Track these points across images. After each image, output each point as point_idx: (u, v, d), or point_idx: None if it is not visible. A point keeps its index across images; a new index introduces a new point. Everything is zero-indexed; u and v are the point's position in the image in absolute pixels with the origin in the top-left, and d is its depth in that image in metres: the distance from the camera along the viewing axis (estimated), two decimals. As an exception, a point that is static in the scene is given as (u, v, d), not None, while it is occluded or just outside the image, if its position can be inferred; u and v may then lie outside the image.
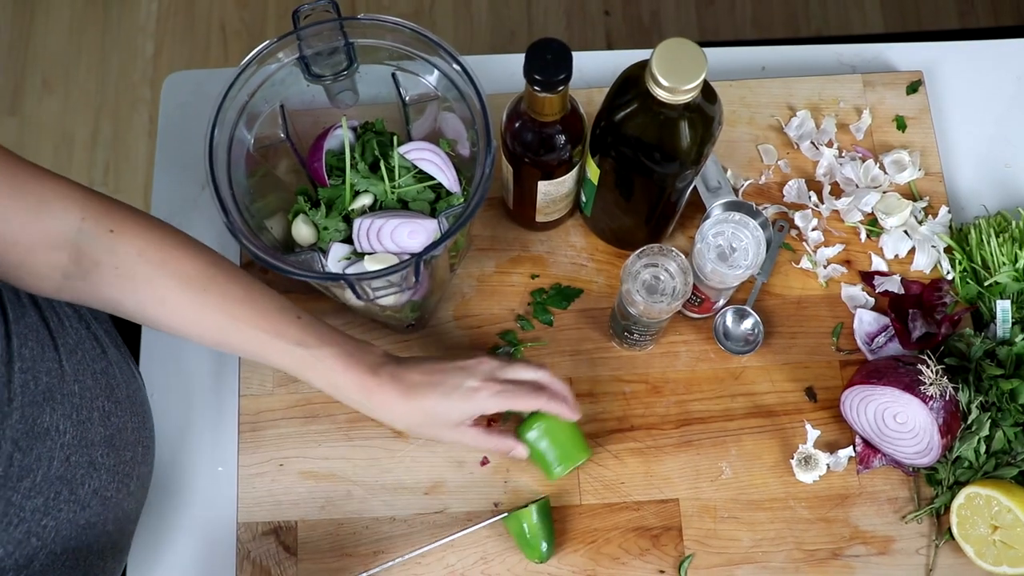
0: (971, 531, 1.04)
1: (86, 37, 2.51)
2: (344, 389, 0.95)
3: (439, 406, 0.95)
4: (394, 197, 1.03)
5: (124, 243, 0.89)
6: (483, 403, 0.96)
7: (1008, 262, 1.11)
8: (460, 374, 0.97)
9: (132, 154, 2.41)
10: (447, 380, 0.96)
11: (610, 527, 1.08)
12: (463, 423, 0.97)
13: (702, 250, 0.99)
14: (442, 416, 0.96)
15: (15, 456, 0.83)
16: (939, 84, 1.26)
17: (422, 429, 0.98)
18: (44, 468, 0.86)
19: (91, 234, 0.87)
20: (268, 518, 1.09)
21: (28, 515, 0.85)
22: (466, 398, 0.95)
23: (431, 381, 0.96)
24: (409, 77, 1.01)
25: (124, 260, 0.89)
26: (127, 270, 0.89)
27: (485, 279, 1.17)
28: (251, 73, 0.96)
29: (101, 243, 0.88)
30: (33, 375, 0.87)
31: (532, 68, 0.86)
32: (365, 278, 0.88)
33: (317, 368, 0.94)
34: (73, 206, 0.87)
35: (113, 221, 0.89)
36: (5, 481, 0.82)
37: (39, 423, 0.86)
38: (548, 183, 1.03)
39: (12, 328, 0.86)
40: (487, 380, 0.96)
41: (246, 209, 0.96)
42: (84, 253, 0.87)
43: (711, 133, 0.94)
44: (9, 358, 0.84)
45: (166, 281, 0.90)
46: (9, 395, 0.83)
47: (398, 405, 0.95)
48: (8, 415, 0.82)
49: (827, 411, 1.12)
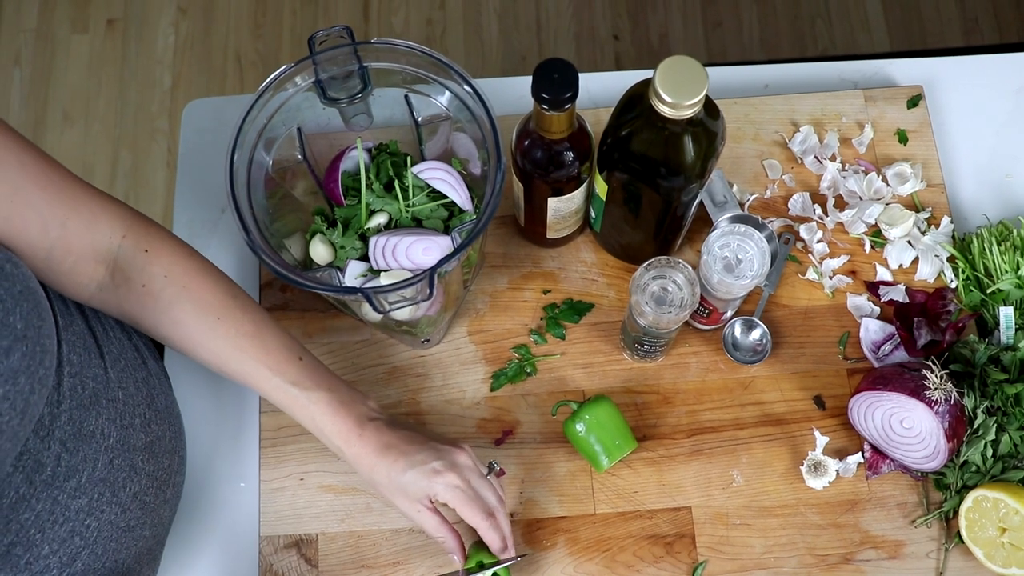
0: (980, 534, 1.05)
1: (105, 70, 2.56)
2: (328, 434, 1.00)
3: (402, 475, 0.98)
4: (408, 215, 1.05)
5: (155, 264, 0.95)
6: (438, 488, 0.97)
7: (1010, 270, 1.13)
8: (432, 454, 0.99)
9: (151, 183, 2.46)
10: (417, 454, 0.98)
11: (624, 535, 1.10)
12: (420, 501, 0.99)
13: (709, 261, 1.01)
14: (400, 485, 0.98)
15: (63, 456, 0.87)
16: (939, 98, 1.28)
17: (383, 490, 1.01)
18: (89, 469, 0.90)
19: (128, 252, 0.94)
20: (290, 531, 1.11)
21: (73, 514, 0.89)
22: (425, 476, 0.97)
23: (404, 450, 0.99)
24: (421, 99, 1.04)
25: (152, 280, 0.95)
26: (152, 289, 0.95)
27: (498, 295, 1.20)
28: (269, 98, 0.99)
29: (136, 261, 0.94)
30: (81, 380, 0.91)
31: (539, 87, 0.89)
32: (381, 291, 0.91)
33: (308, 409, 0.99)
34: (118, 224, 0.94)
35: (149, 242, 0.96)
36: (53, 480, 0.86)
37: (86, 426, 0.90)
38: (558, 200, 1.06)
39: (62, 334, 0.90)
40: (452, 470, 0.98)
41: (266, 228, 0.99)
42: (119, 268, 0.94)
43: (714, 148, 0.97)
44: (59, 362, 0.88)
45: (184, 305, 0.96)
46: (59, 397, 0.87)
47: (369, 460, 0.99)
48: (57, 416, 0.86)
49: (835, 418, 1.14)
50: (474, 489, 0.99)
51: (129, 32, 2.60)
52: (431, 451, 0.99)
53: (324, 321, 1.18)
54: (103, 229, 0.92)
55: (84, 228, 0.90)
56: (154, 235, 0.97)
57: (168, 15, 2.62)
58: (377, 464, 0.98)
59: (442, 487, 0.97)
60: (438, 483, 0.97)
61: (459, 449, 1.01)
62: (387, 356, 1.17)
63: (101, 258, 0.93)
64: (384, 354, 1.17)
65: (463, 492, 0.98)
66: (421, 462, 0.98)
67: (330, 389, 1.00)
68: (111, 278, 0.94)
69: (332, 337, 1.18)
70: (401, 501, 1.00)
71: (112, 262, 0.94)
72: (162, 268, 0.96)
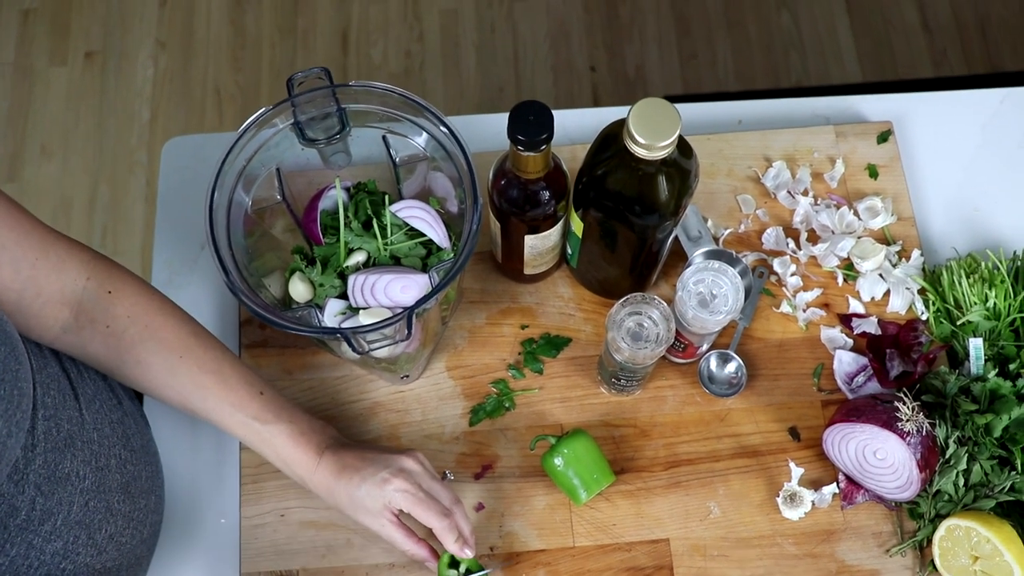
0: (953, 562, 1.06)
1: (84, 104, 2.57)
2: (291, 464, 1.02)
3: (357, 490, 1.00)
4: (387, 254, 1.06)
5: (117, 305, 0.97)
6: (390, 495, 0.99)
7: (979, 301, 1.15)
8: (381, 464, 1.01)
9: (129, 217, 2.45)
10: (368, 467, 1.01)
11: (603, 568, 1.11)
12: (381, 513, 1.01)
13: (683, 297, 1.03)
14: (359, 500, 1.00)
15: (37, 500, 0.87)
16: (908, 133, 1.31)
17: (348, 511, 1.02)
18: (64, 512, 0.90)
19: (93, 293, 0.95)
20: (271, 567, 1.11)
21: (48, 558, 0.89)
22: (377, 486, 0.99)
23: (356, 467, 1.01)
24: (399, 139, 1.05)
25: (115, 321, 0.97)
26: (115, 330, 0.97)
27: (476, 331, 1.21)
28: (248, 138, 1.00)
29: (99, 303, 0.96)
30: (55, 422, 0.91)
31: (515, 129, 0.91)
32: (360, 332, 0.92)
33: (270, 443, 1.01)
34: (82, 267, 0.95)
35: (112, 283, 0.97)
36: (27, 524, 0.86)
37: (60, 468, 0.90)
38: (534, 237, 1.07)
39: (36, 377, 0.90)
40: (400, 475, 1.00)
41: (245, 268, 1.00)
42: (84, 310, 0.95)
43: (688, 186, 0.98)
44: (33, 405, 0.88)
45: (147, 344, 0.98)
46: (33, 441, 0.87)
47: (328, 485, 1.01)
48: (32, 460, 0.86)
49: (810, 449, 1.15)
50: (425, 491, 1.01)
51: (108, 65, 2.61)
52: (381, 463, 1.01)
53: (303, 358, 1.19)
54: (70, 272, 0.93)
55: (53, 271, 0.92)
56: (117, 277, 0.98)
57: (147, 48, 2.63)
58: (335, 487, 1.01)
59: (393, 493, 0.99)
60: (389, 490, 0.99)
61: (408, 455, 1.03)
62: (367, 392, 1.18)
63: (67, 300, 0.94)
64: (364, 390, 1.18)
65: (413, 495, 1.00)
66: (372, 475, 1.00)
67: (290, 421, 1.02)
68: (75, 320, 0.95)
69: (312, 374, 1.19)
70: (364, 518, 1.02)
71: (77, 304, 0.95)
72: (125, 309, 0.97)
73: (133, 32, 2.64)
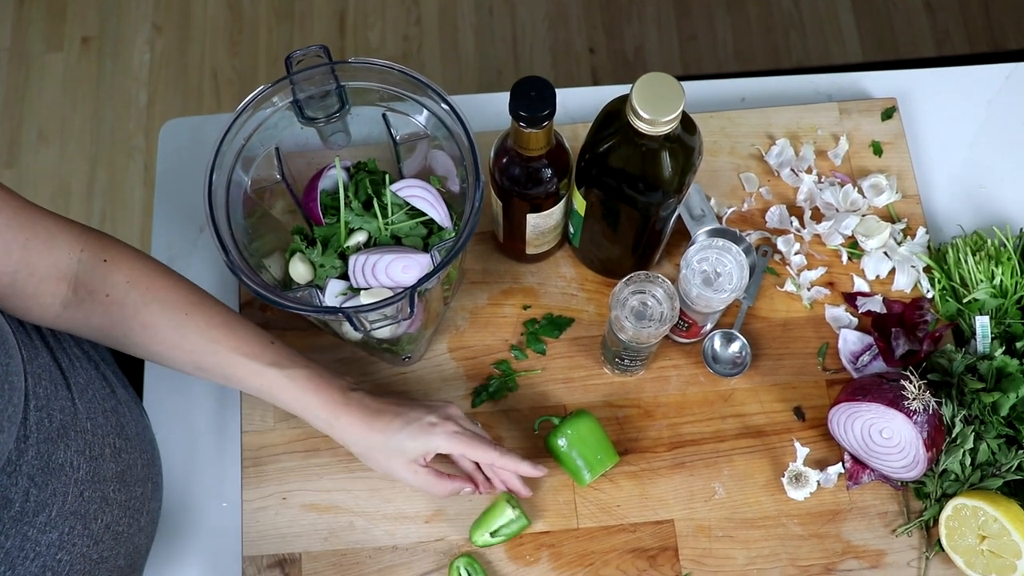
0: (960, 542, 1.06)
1: (80, 89, 2.55)
2: (313, 408, 1.00)
3: (397, 434, 0.99)
4: (388, 234, 1.05)
5: (115, 272, 0.96)
6: (438, 440, 0.99)
7: (985, 279, 1.14)
8: (423, 410, 1.01)
9: (128, 202, 2.44)
10: (409, 412, 1.00)
11: (607, 549, 1.10)
12: (417, 460, 1.00)
13: (687, 276, 1.02)
14: (397, 445, 0.99)
15: (31, 491, 0.86)
16: (913, 110, 1.30)
17: (378, 456, 1.01)
18: (59, 503, 0.89)
19: (88, 264, 0.94)
20: (273, 551, 1.11)
21: (43, 549, 0.88)
22: (423, 431, 0.99)
23: (394, 411, 1.00)
24: (399, 117, 1.04)
25: (114, 288, 0.96)
26: (117, 297, 0.96)
27: (478, 311, 1.20)
28: (247, 118, 0.99)
29: (96, 272, 0.95)
30: (47, 413, 0.90)
31: (517, 105, 0.90)
32: (361, 311, 0.91)
33: (288, 388, 0.99)
34: (74, 240, 0.94)
35: (107, 252, 0.96)
36: (22, 516, 0.85)
37: (54, 459, 0.89)
38: (536, 216, 1.06)
39: (27, 368, 0.89)
40: (447, 419, 1.00)
41: (245, 248, 0.99)
42: (81, 282, 0.94)
43: (692, 163, 0.97)
44: (25, 396, 0.87)
45: (151, 307, 0.97)
46: (25, 432, 0.86)
47: (361, 427, 0.99)
48: (24, 451, 0.85)
49: (815, 429, 1.15)
50: (471, 431, 1.01)
51: (104, 50, 2.59)
52: (423, 408, 1.01)
53: (305, 340, 1.18)
54: (62, 246, 0.93)
55: (44, 248, 0.91)
56: (110, 245, 0.97)
57: (144, 32, 2.61)
58: (370, 429, 0.99)
59: (442, 438, 0.99)
60: (437, 435, 0.99)
61: (448, 404, 1.04)
62: (369, 374, 1.17)
63: (63, 275, 0.93)
64: (365, 372, 1.17)
65: (464, 436, 1.00)
66: (415, 419, 0.99)
67: (307, 366, 1.01)
68: (74, 293, 0.94)
69: (313, 356, 1.16)
70: (398, 464, 1.01)
71: (74, 277, 0.94)
72: (123, 275, 0.96)
73: (129, 16, 2.63)
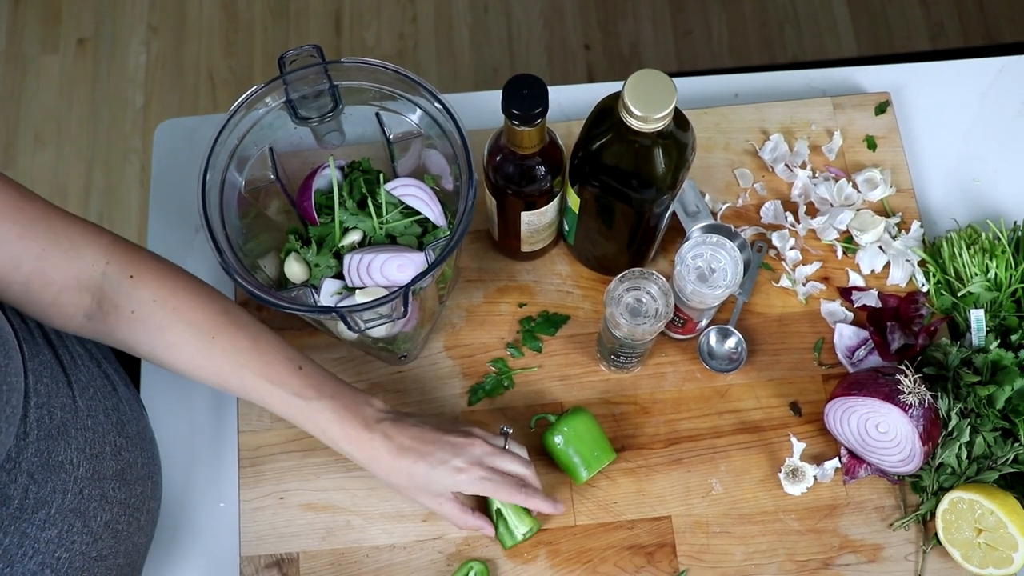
0: (957, 535, 1.06)
1: (76, 91, 2.55)
2: (337, 441, 1.00)
3: (424, 476, 0.99)
4: (382, 232, 1.05)
5: (141, 288, 0.95)
6: (465, 486, 0.99)
7: (980, 273, 1.14)
8: (449, 451, 1.00)
9: (124, 203, 2.44)
10: (435, 453, 0.99)
11: (605, 546, 1.11)
12: (443, 495, 1.01)
13: (682, 272, 1.02)
14: (423, 484, 1.00)
15: (30, 488, 0.86)
16: (906, 104, 1.30)
17: (403, 490, 1.02)
18: (58, 500, 0.89)
19: (114, 279, 0.94)
20: (270, 551, 1.11)
21: (42, 547, 0.88)
22: (450, 475, 0.99)
23: (420, 451, 0.99)
24: (393, 116, 1.04)
25: (140, 306, 0.95)
26: (142, 315, 0.95)
27: (474, 309, 1.20)
28: (240, 118, 0.99)
29: (122, 288, 0.94)
30: (48, 410, 0.90)
31: (509, 103, 0.90)
32: (355, 310, 0.91)
33: (314, 419, 0.99)
34: (100, 251, 0.93)
35: (134, 267, 0.95)
36: (21, 513, 0.85)
37: (54, 456, 0.89)
38: (531, 213, 1.06)
39: (28, 365, 0.89)
40: (474, 464, 1.00)
41: (239, 249, 0.99)
42: (106, 296, 0.93)
43: (685, 159, 0.97)
44: (25, 393, 0.87)
45: (177, 327, 0.96)
46: (25, 429, 0.86)
47: (385, 464, 1.00)
48: (24, 448, 0.85)
49: (812, 424, 1.15)
50: (499, 472, 1.01)
51: (100, 51, 2.59)
52: (448, 448, 1.00)
53: (301, 339, 1.18)
54: (86, 258, 0.92)
55: (64, 258, 0.90)
56: (138, 259, 0.96)
57: (139, 34, 2.61)
58: (394, 467, 0.99)
59: (468, 482, 0.99)
60: (463, 480, 0.99)
61: (470, 440, 1.01)
62: (365, 373, 1.17)
63: (86, 287, 0.92)
64: (362, 371, 1.17)
65: (489, 481, 0.99)
66: (441, 461, 0.99)
67: (333, 396, 1.00)
68: (99, 307, 0.94)
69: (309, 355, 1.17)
70: (421, 496, 1.02)
71: (98, 290, 0.93)
72: (150, 292, 0.95)
73: (125, 18, 2.63)
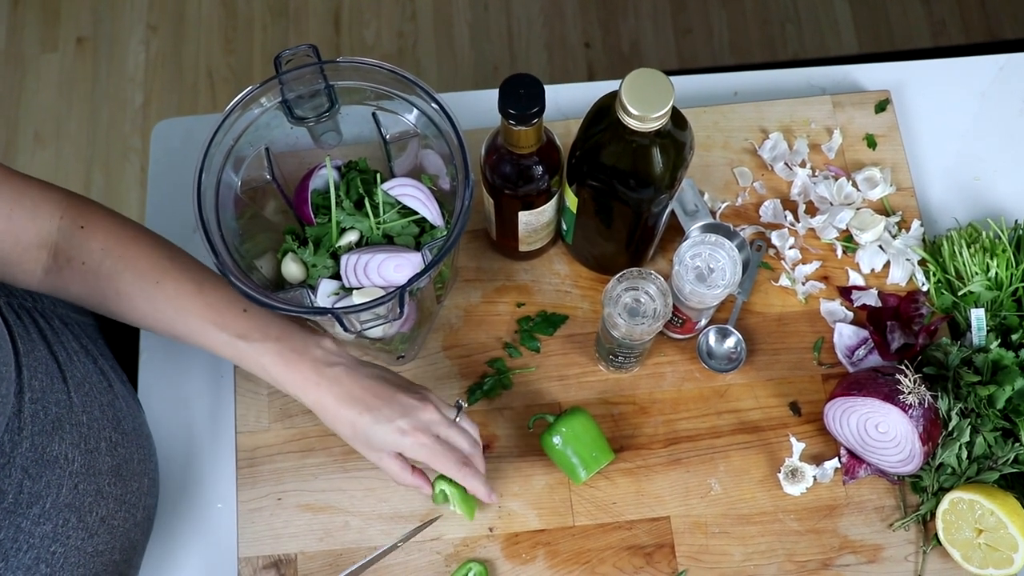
0: (957, 536, 1.06)
1: (76, 90, 2.55)
2: (285, 384, 0.98)
3: (367, 430, 0.96)
4: (379, 233, 1.05)
5: (91, 239, 0.95)
6: (406, 447, 0.96)
7: (980, 272, 1.14)
8: (398, 410, 0.96)
9: (124, 202, 2.44)
10: (383, 409, 0.96)
11: (604, 547, 1.10)
12: (383, 451, 0.98)
13: (680, 272, 1.01)
14: (364, 438, 0.97)
15: (25, 483, 0.86)
16: (906, 102, 1.29)
17: (347, 439, 0.99)
18: (53, 495, 0.89)
19: (66, 231, 0.95)
20: (268, 552, 1.11)
21: (37, 541, 0.88)
22: (393, 434, 0.96)
23: (368, 403, 0.96)
24: (389, 116, 1.04)
25: (90, 256, 0.95)
26: (92, 265, 0.95)
27: (472, 309, 1.20)
28: (236, 118, 0.99)
29: (73, 240, 0.95)
30: (43, 405, 0.91)
31: (506, 103, 0.89)
32: (352, 311, 0.91)
33: (259, 362, 0.97)
34: (55, 207, 0.94)
35: (84, 218, 0.96)
36: (15, 507, 0.85)
37: (48, 451, 0.89)
38: (528, 213, 1.06)
39: (23, 360, 0.90)
40: (419, 429, 0.96)
41: (236, 250, 0.98)
42: (60, 250, 0.94)
43: (683, 158, 0.97)
44: (20, 389, 0.88)
45: (125, 275, 0.96)
46: (20, 424, 0.86)
47: (332, 411, 0.97)
48: (18, 443, 0.86)
49: (811, 424, 1.14)
50: (444, 441, 0.98)
51: (99, 50, 2.59)
52: (397, 407, 0.96)
53: (298, 340, 1.18)
54: (44, 214, 0.93)
55: (28, 217, 0.91)
56: (89, 211, 0.97)
57: (138, 33, 2.61)
58: (340, 414, 0.96)
59: (410, 446, 0.96)
60: (405, 443, 0.96)
61: (424, 405, 0.98)
62: (362, 373, 1.17)
63: (43, 242, 0.93)
64: (359, 371, 1.17)
65: (431, 448, 0.96)
66: (387, 419, 0.96)
67: (279, 339, 0.97)
68: (54, 261, 0.95)
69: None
70: (364, 450, 0.99)
71: (54, 244, 0.94)
72: (98, 242, 0.96)
73: (124, 17, 2.62)
